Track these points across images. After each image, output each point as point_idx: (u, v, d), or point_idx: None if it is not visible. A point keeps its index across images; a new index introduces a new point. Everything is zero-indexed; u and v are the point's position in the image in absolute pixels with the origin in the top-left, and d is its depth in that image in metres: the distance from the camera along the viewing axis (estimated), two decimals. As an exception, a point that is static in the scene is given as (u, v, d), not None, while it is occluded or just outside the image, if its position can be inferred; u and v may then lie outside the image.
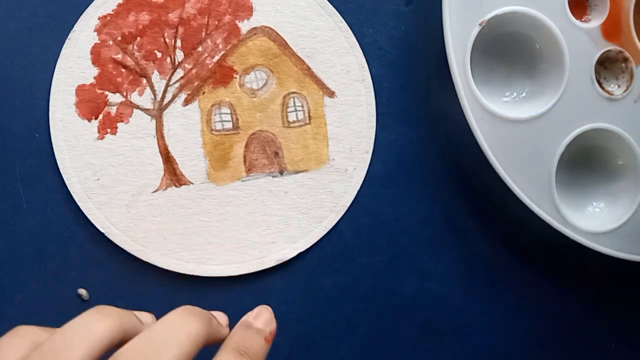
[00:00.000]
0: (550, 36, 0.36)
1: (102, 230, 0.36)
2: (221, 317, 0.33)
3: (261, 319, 0.32)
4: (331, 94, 0.38)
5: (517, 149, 0.36)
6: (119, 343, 0.24)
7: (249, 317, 0.32)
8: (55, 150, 0.36)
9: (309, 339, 0.37)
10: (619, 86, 0.37)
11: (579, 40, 0.36)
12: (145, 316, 0.30)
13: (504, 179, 0.36)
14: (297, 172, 0.38)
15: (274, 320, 0.32)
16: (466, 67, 0.35)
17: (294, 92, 0.38)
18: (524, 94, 0.38)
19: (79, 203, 0.36)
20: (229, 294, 0.37)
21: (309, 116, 0.38)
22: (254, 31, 0.38)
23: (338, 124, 0.38)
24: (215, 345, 0.28)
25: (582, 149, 0.38)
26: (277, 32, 0.38)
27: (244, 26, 0.37)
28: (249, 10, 0.38)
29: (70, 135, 0.36)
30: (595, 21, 0.37)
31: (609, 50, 0.37)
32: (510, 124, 0.35)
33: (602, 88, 0.37)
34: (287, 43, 0.38)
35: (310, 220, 0.38)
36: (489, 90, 0.37)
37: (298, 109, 0.38)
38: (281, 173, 0.38)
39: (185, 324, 0.27)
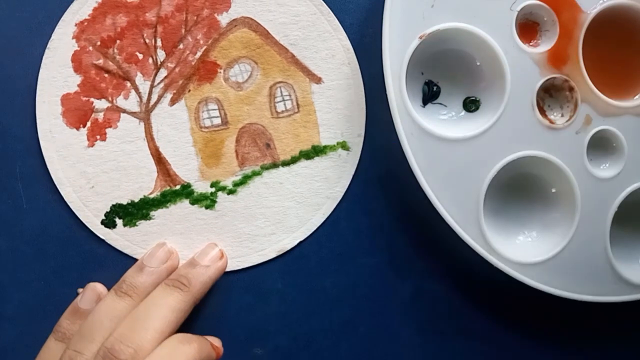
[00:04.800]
0: (493, 56, 0.34)
1: (102, 237, 0.37)
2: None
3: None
4: (318, 80, 0.38)
5: (447, 169, 0.34)
6: None
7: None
8: (46, 161, 0.36)
9: (309, 339, 0.38)
10: (562, 115, 0.36)
11: (523, 64, 0.34)
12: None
13: (430, 198, 0.34)
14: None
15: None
16: (401, 80, 0.34)
17: (280, 82, 0.37)
18: (462, 114, 0.37)
19: (76, 212, 0.36)
20: (229, 294, 0.38)
21: (298, 104, 0.38)
22: (234, 23, 0.37)
23: (327, 109, 0.38)
24: None
25: (518, 175, 0.36)
26: (257, 22, 0.37)
27: (223, 19, 0.37)
28: (226, 2, 0.37)
29: (60, 146, 0.36)
30: (543, 46, 0.35)
31: (554, 78, 0.35)
32: (441, 142, 0.34)
33: (545, 115, 0.35)
34: (268, 32, 0.37)
35: (308, 208, 0.38)
36: (429, 107, 0.36)
37: (286, 98, 0.37)
38: (274, 164, 0.38)
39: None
